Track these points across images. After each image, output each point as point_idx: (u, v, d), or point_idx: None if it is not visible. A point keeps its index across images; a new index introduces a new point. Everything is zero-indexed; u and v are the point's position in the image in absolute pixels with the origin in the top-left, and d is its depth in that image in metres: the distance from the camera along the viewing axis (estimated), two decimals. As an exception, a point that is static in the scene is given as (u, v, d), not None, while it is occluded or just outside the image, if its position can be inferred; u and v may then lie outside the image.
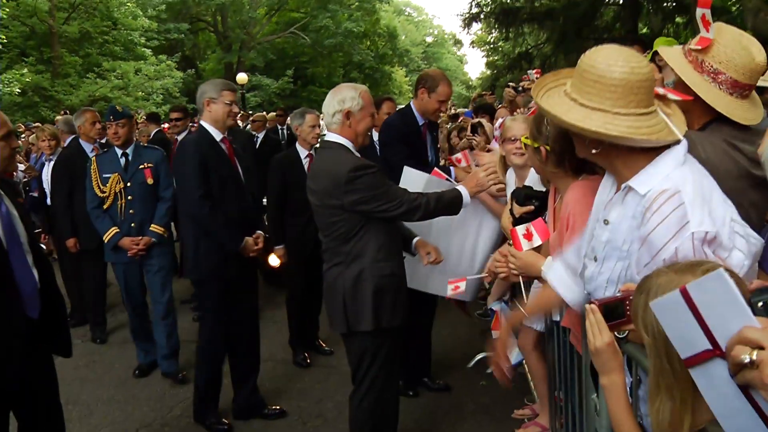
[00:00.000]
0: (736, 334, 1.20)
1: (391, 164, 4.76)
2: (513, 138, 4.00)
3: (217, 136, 4.63)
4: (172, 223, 6.13)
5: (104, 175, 5.56)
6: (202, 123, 4.67)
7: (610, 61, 2.11)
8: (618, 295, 1.99)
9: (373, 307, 3.64)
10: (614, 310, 1.94)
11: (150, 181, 5.59)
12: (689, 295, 1.30)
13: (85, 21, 28.77)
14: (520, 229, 3.08)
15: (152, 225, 5.59)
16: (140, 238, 5.53)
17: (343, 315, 3.71)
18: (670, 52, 2.77)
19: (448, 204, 3.86)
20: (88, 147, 6.72)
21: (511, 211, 3.54)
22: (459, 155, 5.26)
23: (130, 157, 5.62)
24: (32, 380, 3.26)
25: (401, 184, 4.43)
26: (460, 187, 3.95)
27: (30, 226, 3.31)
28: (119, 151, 5.62)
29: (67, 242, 6.58)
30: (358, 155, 3.77)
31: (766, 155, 1.81)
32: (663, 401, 1.63)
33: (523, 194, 3.47)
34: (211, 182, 4.49)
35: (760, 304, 1.34)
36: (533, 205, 3.39)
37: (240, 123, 13.22)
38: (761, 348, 1.14)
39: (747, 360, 1.15)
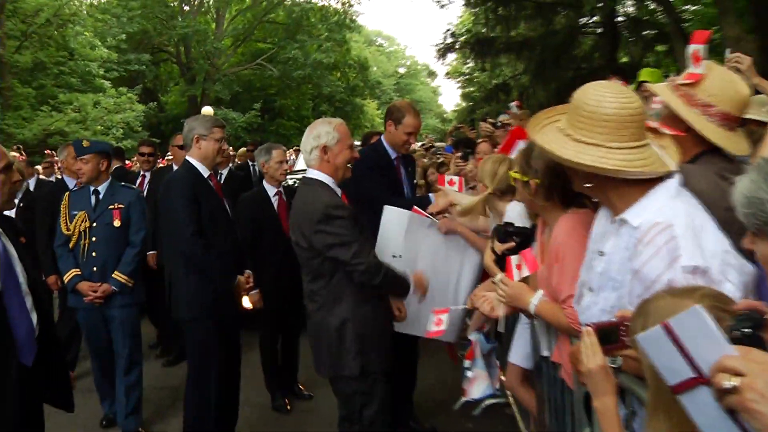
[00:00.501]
0: (716, 363, 1.33)
1: (368, 197, 4.87)
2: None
3: (205, 172, 4.70)
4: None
5: (72, 212, 5.44)
6: (189, 159, 4.71)
7: (601, 97, 2.27)
8: (613, 320, 2.11)
9: (357, 353, 3.76)
10: (609, 335, 2.04)
11: (117, 223, 5.39)
12: (671, 329, 1.43)
13: (38, 50, 28.04)
14: (515, 259, 3.21)
15: (115, 272, 5.35)
16: (99, 284, 5.31)
17: (328, 360, 3.84)
18: (660, 88, 2.94)
19: (401, 283, 4.00)
20: (71, 182, 6.66)
21: (492, 248, 3.67)
22: (454, 178, 5.39)
23: (101, 196, 5.46)
24: None
25: (383, 224, 4.60)
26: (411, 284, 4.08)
27: (30, 267, 3.25)
28: (92, 188, 5.48)
29: (48, 279, 6.48)
30: (338, 190, 3.89)
31: (736, 195, 1.94)
32: (661, 422, 1.71)
33: (503, 231, 3.59)
34: (202, 218, 4.52)
35: (737, 333, 1.45)
36: (514, 241, 3.51)
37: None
38: (740, 374, 1.26)
39: (728, 386, 1.27)
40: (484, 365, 4.39)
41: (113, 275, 5.35)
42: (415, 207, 4.77)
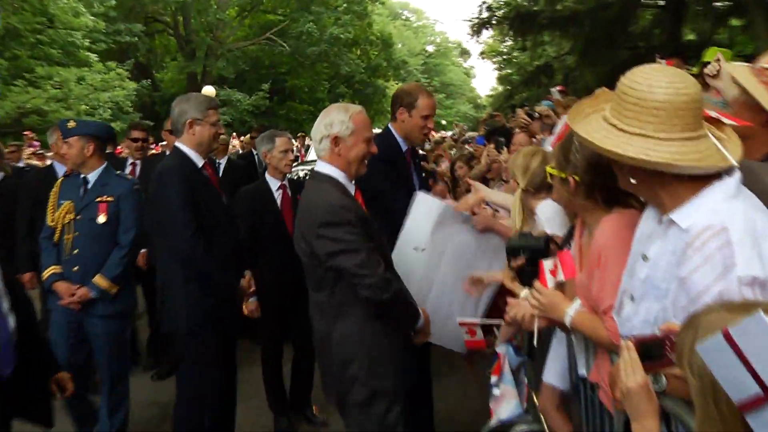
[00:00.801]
0: None
1: (378, 191, 4.78)
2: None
3: (199, 161, 4.68)
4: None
5: (60, 202, 5.36)
6: (180, 146, 4.68)
7: (651, 81, 2.26)
8: (657, 333, 2.11)
9: (365, 377, 3.73)
10: (651, 350, 2.05)
11: (101, 219, 5.29)
12: (732, 337, 1.45)
13: (11, 15, 27.12)
14: (548, 264, 3.24)
15: (97, 275, 5.25)
16: (78, 287, 5.22)
17: (332, 382, 3.86)
18: (739, 70, 2.89)
19: (411, 310, 3.90)
20: (61, 169, 6.65)
21: (510, 266, 3.70)
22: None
23: (89, 185, 5.37)
24: None
25: (411, 211, 4.63)
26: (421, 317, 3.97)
27: (8, 264, 3.24)
28: (82, 176, 5.39)
29: (23, 277, 6.44)
30: (352, 187, 3.88)
31: None
32: None
33: (509, 247, 3.63)
34: (202, 215, 4.50)
35: None
36: (523, 256, 3.54)
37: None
38: None
39: None
40: (513, 381, 4.40)
41: (93, 279, 5.25)
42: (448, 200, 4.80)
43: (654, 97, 2.24)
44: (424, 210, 4.65)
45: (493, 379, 4.49)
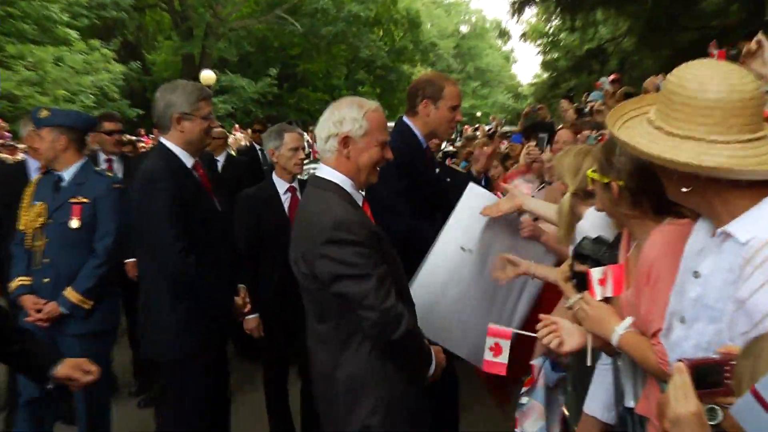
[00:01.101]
0: None
1: (391, 200, 4.81)
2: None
3: (188, 161, 4.63)
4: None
5: (34, 202, 5.34)
6: (167, 143, 4.62)
7: (703, 78, 2.26)
8: (715, 356, 2.07)
9: (378, 422, 3.62)
10: (707, 375, 2.00)
11: (74, 224, 5.29)
12: (760, 395, 1.48)
13: None
14: (596, 273, 3.28)
15: (68, 288, 5.24)
16: (45, 301, 5.22)
17: (336, 426, 3.77)
18: None
19: (423, 353, 3.75)
20: (34, 165, 6.61)
21: (571, 265, 3.73)
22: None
23: (64, 183, 5.37)
24: None
25: (461, 205, 4.72)
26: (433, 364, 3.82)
27: None
28: (57, 173, 5.39)
29: None
30: (360, 197, 3.79)
31: None
32: None
33: (576, 252, 3.67)
34: (193, 226, 4.45)
35: None
36: (587, 265, 3.57)
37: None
38: None
39: None
40: (544, 398, 4.42)
41: (64, 292, 5.24)
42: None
43: (706, 95, 2.23)
44: (476, 204, 4.67)
45: (523, 389, 4.53)
